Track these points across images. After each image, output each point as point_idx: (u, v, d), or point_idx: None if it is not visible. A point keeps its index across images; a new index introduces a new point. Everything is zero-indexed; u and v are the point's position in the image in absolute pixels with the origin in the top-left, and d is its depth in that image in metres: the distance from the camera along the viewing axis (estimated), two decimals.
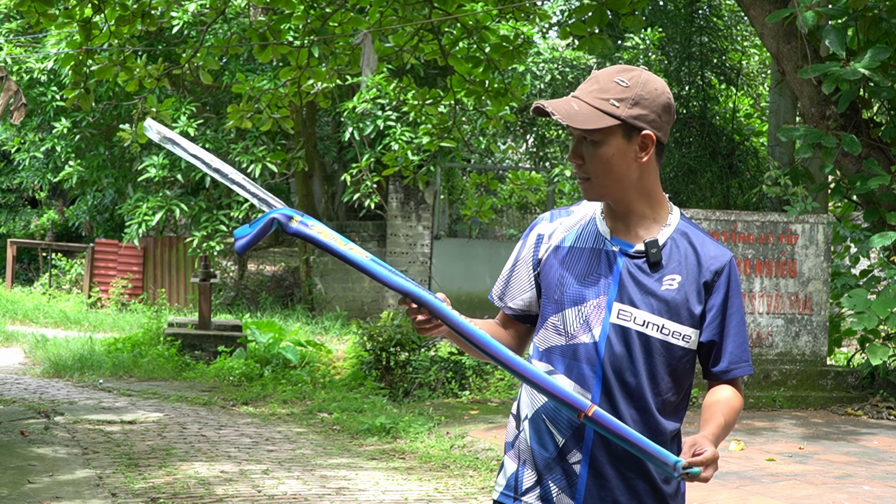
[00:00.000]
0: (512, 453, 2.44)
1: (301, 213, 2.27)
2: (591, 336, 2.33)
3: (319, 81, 9.85)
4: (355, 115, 15.43)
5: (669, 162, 14.96)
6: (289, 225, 2.25)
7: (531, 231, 2.49)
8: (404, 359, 10.27)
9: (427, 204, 16.40)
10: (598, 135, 2.31)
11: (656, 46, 16.06)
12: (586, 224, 2.42)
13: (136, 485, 6.11)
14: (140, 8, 9.18)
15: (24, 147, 18.88)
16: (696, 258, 2.37)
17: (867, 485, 6.09)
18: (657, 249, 2.34)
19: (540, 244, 2.46)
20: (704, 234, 2.42)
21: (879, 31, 8.58)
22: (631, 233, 2.38)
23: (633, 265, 2.35)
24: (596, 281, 2.35)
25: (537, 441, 2.37)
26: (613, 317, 2.32)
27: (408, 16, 9.47)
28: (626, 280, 2.34)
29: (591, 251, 2.38)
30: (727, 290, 2.38)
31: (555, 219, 2.48)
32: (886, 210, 8.89)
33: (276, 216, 2.24)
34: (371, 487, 6.27)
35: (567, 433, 2.33)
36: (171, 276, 18.77)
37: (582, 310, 2.34)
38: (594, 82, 2.33)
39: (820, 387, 9.25)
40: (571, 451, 2.33)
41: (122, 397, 9.77)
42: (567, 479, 2.33)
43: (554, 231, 2.45)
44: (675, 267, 2.35)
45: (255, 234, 2.25)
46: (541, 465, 2.36)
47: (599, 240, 2.38)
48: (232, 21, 15.86)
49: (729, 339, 2.38)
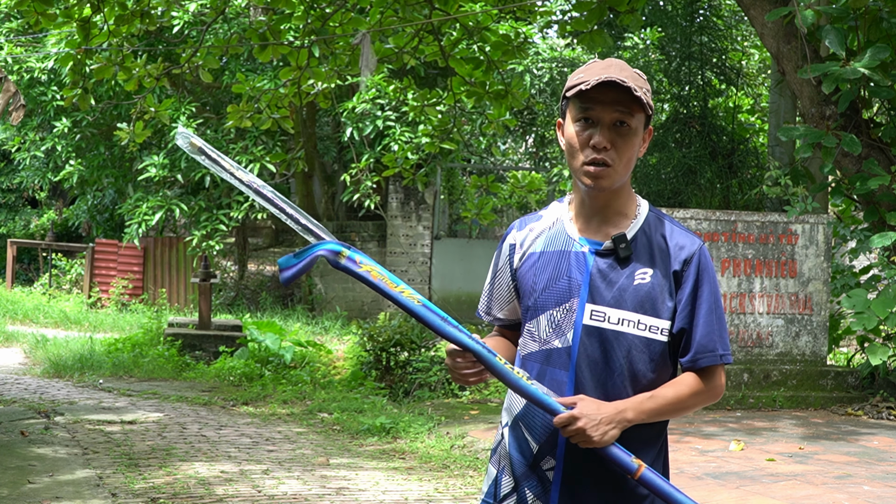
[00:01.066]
0: (494, 459, 2.45)
1: (348, 247, 2.24)
2: (563, 340, 2.32)
3: (319, 81, 9.85)
4: (355, 115, 15.43)
5: (669, 162, 14.95)
6: (337, 261, 2.22)
7: (504, 242, 2.49)
8: (404, 359, 10.27)
9: (427, 204, 16.39)
10: (636, 120, 2.30)
11: (656, 46, 16.05)
12: (555, 227, 2.41)
13: (136, 485, 6.10)
14: (140, 7, 9.18)
15: (25, 147, 18.89)
16: (665, 249, 2.34)
17: (867, 485, 6.09)
18: (626, 244, 2.32)
19: (513, 253, 2.45)
20: (674, 224, 2.40)
21: (880, 31, 8.57)
22: (601, 231, 2.36)
23: (603, 263, 2.33)
24: (567, 284, 2.33)
25: (516, 448, 2.37)
26: (586, 318, 2.30)
27: (408, 16, 9.47)
28: (597, 279, 2.32)
29: (561, 254, 2.36)
30: (697, 278, 2.33)
31: (524, 225, 2.47)
32: (886, 210, 8.89)
33: (323, 253, 2.21)
34: (371, 487, 6.27)
35: (541, 439, 2.32)
36: (171, 276, 18.76)
37: (554, 314, 2.33)
38: (622, 69, 2.31)
39: (820, 387, 9.25)
40: (545, 458, 2.32)
41: (123, 397, 9.77)
42: (542, 486, 2.32)
43: (525, 238, 2.44)
44: (646, 260, 2.33)
45: (301, 266, 2.22)
46: (518, 472, 2.36)
47: (568, 242, 2.37)
48: (232, 21, 15.86)
49: (698, 329, 2.33)
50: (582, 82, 2.29)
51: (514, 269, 2.44)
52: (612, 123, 2.29)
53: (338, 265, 2.23)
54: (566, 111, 2.37)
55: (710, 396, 2.35)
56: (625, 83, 2.25)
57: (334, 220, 18.32)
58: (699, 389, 2.33)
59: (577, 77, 2.34)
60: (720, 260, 9.21)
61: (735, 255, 9.25)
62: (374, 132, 15.45)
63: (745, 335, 9.26)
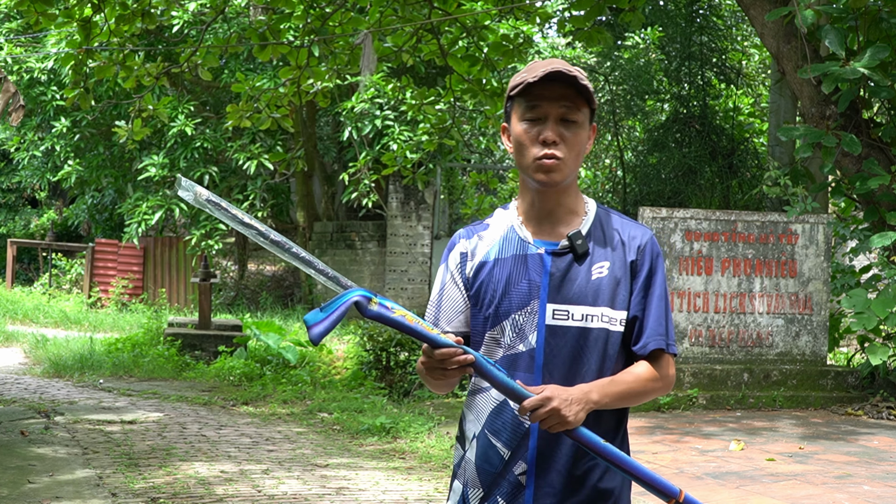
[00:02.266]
0: (458, 475, 2.43)
1: (376, 295, 2.20)
2: (527, 343, 2.32)
3: (319, 81, 9.85)
4: (354, 114, 15.43)
5: (669, 162, 14.95)
6: (368, 308, 2.16)
7: (451, 252, 2.46)
8: (404, 359, 10.26)
9: (427, 204, 16.39)
10: (581, 115, 2.33)
11: (656, 45, 16.06)
12: (507, 234, 2.40)
13: (136, 485, 6.10)
14: (140, 7, 9.17)
15: (24, 146, 18.89)
16: (620, 240, 2.37)
17: (867, 485, 6.09)
18: (582, 240, 2.34)
19: (465, 262, 2.43)
20: (624, 218, 2.43)
21: (880, 31, 8.57)
22: (554, 232, 2.37)
23: (560, 262, 2.34)
24: (527, 287, 2.33)
25: (482, 457, 2.36)
26: (549, 318, 2.31)
27: (407, 15, 9.47)
28: (556, 279, 2.32)
29: (516, 258, 2.36)
30: (650, 266, 2.37)
31: (472, 235, 2.45)
32: (886, 210, 8.89)
33: (357, 299, 2.15)
34: (371, 487, 6.27)
35: (512, 445, 2.32)
36: (171, 275, 18.76)
37: (516, 318, 2.33)
38: (565, 64, 2.34)
39: (820, 387, 9.24)
40: (517, 463, 2.32)
41: (123, 397, 9.77)
42: (513, 492, 2.32)
43: (476, 247, 2.43)
44: (601, 254, 2.35)
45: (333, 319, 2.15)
46: (487, 482, 2.35)
47: (523, 246, 2.37)
48: (232, 20, 15.86)
49: (650, 316, 2.35)
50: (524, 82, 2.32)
51: (467, 276, 2.42)
52: (559, 118, 2.31)
53: (370, 313, 2.18)
54: (511, 113, 2.39)
55: (663, 386, 2.36)
56: (570, 73, 2.28)
57: (334, 220, 18.31)
58: (654, 377, 2.35)
59: (520, 77, 2.36)
60: (720, 260, 9.21)
61: (735, 255, 9.25)
62: (373, 132, 15.44)
63: (745, 335, 9.26)
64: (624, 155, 16.45)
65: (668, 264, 9.10)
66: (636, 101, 16.52)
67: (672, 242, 9.15)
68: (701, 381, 9.01)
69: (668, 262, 9.11)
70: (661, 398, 8.75)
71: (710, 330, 9.21)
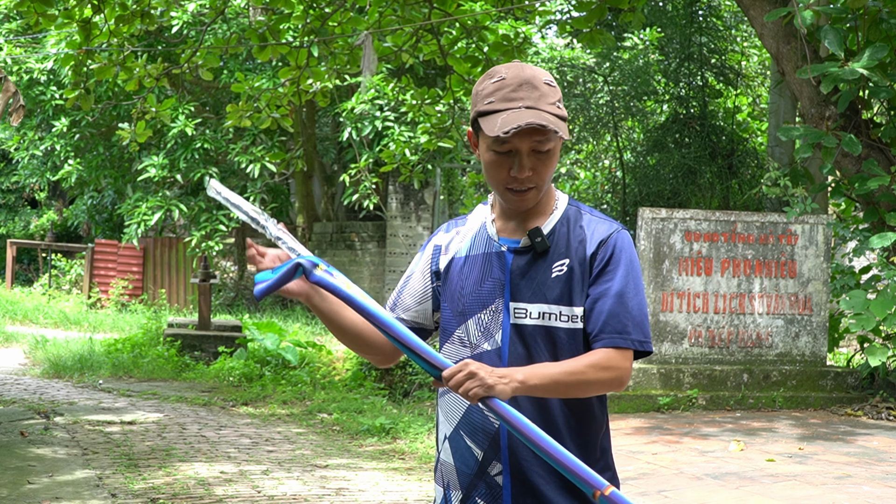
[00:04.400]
0: (438, 479, 2.41)
1: (327, 264, 2.26)
2: (492, 342, 2.30)
3: (318, 81, 9.85)
4: (353, 115, 15.43)
5: (669, 162, 14.95)
6: (312, 273, 2.24)
7: (429, 243, 2.47)
8: (404, 359, 10.26)
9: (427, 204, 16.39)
10: (553, 142, 2.26)
11: (655, 46, 16.06)
12: (478, 231, 2.40)
13: (135, 485, 6.10)
14: (140, 8, 9.17)
15: (24, 146, 18.89)
16: (583, 237, 2.32)
17: (867, 485, 6.09)
18: (541, 238, 2.30)
19: (438, 255, 2.43)
20: (593, 214, 2.37)
21: (879, 31, 8.57)
22: (519, 229, 2.34)
23: (521, 260, 2.31)
24: (491, 286, 2.32)
25: (459, 459, 2.34)
26: (512, 317, 2.29)
27: (407, 16, 9.47)
28: (517, 277, 2.30)
29: (484, 256, 2.35)
30: (610, 257, 2.29)
31: (451, 229, 2.45)
32: (886, 210, 8.89)
33: (302, 262, 2.24)
34: (371, 488, 6.27)
35: (484, 445, 2.30)
36: (170, 276, 18.76)
37: (482, 317, 2.32)
38: (534, 90, 2.25)
39: (820, 387, 9.24)
40: (492, 463, 2.29)
41: (122, 398, 9.76)
42: (491, 493, 2.30)
43: (451, 241, 2.42)
44: (563, 252, 2.31)
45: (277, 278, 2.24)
46: (465, 483, 2.32)
47: (489, 243, 2.36)
48: (231, 21, 15.86)
49: (605, 306, 2.27)
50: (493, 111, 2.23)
51: (438, 269, 2.42)
52: (530, 151, 2.26)
53: (313, 277, 2.23)
54: (477, 129, 2.31)
55: (614, 378, 2.25)
56: (544, 127, 2.20)
57: (334, 221, 18.31)
58: (599, 364, 2.24)
59: (486, 101, 2.26)
60: (720, 260, 9.21)
61: (735, 256, 9.25)
62: (373, 132, 15.45)
63: (745, 335, 9.26)
64: (623, 155, 16.45)
65: (667, 264, 9.10)
66: (635, 102, 16.52)
67: (672, 243, 9.15)
68: (700, 381, 9.01)
69: (667, 262, 9.11)
70: (660, 399, 8.74)
71: (710, 330, 9.21)
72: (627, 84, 16.31)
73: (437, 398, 2.44)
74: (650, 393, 8.83)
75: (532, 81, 2.26)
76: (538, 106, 2.24)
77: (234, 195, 2.32)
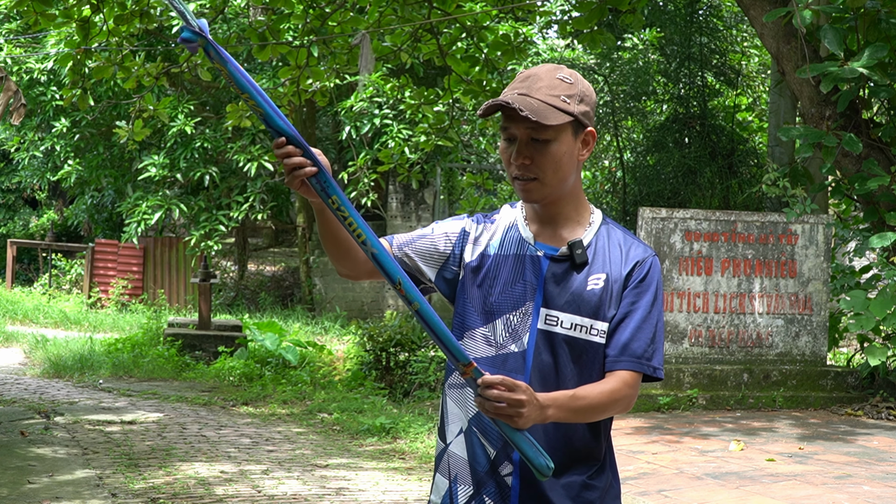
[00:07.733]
0: (442, 469, 2.39)
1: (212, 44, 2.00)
2: (519, 344, 2.30)
3: (318, 81, 9.85)
4: (352, 114, 15.43)
5: (669, 162, 14.95)
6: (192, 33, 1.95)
7: (460, 220, 2.42)
8: (404, 359, 10.26)
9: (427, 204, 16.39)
10: (552, 132, 2.27)
11: (655, 46, 16.05)
12: (509, 231, 2.39)
13: (135, 485, 6.10)
14: (139, 7, 9.17)
15: (24, 146, 18.88)
16: (619, 254, 2.34)
17: (867, 485, 6.09)
18: (582, 250, 2.31)
19: (465, 241, 2.40)
20: (628, 234, 2.40)
21: (879, 31, 8.57)
22: (555, 236, 2.35)
23: (558, 268, 2.32)
24: (523, 288, 2.32)
25: (471, 454, 2.33)
26: (541, 323, 2.29)
27: (407, 15, 9.46)
28: (551, 284, 2.31)
29: (516, 258, 2.34)
30: (642, 281, 2.32)
31: (481, 221, 2.44)
32: (886, 210, 8.89)
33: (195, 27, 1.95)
34: (371, 487, 6.27)
35: (497, 445, 2.30)
36: (170, 276, 18.76)
37: (510, 318, 2.31)
38: (537, 80, 2.29)
39: (820, 387, 9.25)
40: (503, 463, 2.30)
41: (122, 397, 9.76)
42: (501, 493, 2.30)
43: (481, 234, 2.41)
44: (600, 266, 2.32)
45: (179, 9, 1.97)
46: (475, 480, 2.32)
47: (523, 246, 2.35)
48: (231, 21, 15.86)
49: (628, 330, 2.29)
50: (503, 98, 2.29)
51: (462, 256, 2.39)
52: (528, 139, 2.28)
53: (186, 33, 1.96)
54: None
55: (625, 404, 2.28)
56: (508, 104, 2.22)
57: None
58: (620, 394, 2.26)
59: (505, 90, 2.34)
60: (720, 260, 9.21)
61: (735, 256, 9.25)
62: (372, 131, 15.45)
63: (745, 335, 9.26)
64: (623, 155, 16.45)
65: (667, 264, 9.10)
66: (635, 102, 16.52)
67: (672, 243, 9.15)
68: (701, 381, 9.01)
69: (667, 262, 9.11)
70: (661, 399, 8.75)
71: (710, 330, 9.21)
72: (627, 84, 16.31)
73: (446, 388, 2.41)
74: (650, 393, 8.83)
75: (540, 73, 2.30)
76: (529, 93, 2.27)
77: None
